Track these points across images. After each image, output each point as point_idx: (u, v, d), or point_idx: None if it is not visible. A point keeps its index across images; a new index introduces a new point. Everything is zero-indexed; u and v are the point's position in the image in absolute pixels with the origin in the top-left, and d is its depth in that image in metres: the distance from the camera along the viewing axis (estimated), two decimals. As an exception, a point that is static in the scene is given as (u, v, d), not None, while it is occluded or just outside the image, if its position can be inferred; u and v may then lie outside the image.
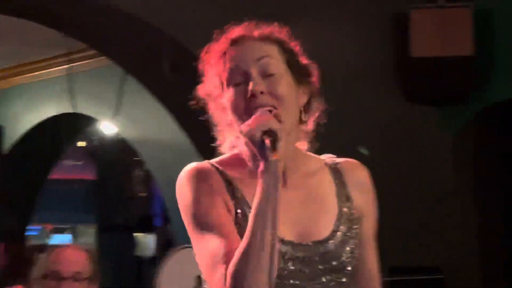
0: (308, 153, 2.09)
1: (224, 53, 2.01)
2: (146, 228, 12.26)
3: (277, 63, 2.00)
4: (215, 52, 2.04)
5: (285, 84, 1.99)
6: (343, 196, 2.04)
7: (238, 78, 1.98)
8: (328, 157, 2.11)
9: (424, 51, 5.74)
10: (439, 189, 5.96)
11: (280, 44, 2.03)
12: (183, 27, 5.65)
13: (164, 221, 11.53)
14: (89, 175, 12.65)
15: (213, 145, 2.11)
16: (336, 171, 2.07)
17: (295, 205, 1.99)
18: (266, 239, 1.78)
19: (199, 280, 4.74)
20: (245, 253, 1.79)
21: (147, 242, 12.39)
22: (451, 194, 6.05)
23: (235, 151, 2.06)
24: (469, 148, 5.99)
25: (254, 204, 1.82)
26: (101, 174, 12.11)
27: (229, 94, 2.00)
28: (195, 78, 2.07)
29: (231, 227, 1.92)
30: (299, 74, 2.03)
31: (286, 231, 1.94)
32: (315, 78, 2.07)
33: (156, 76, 5.89)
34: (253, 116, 1.90)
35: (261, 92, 1.95)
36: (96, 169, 12.32)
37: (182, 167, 1.99)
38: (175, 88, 5.45)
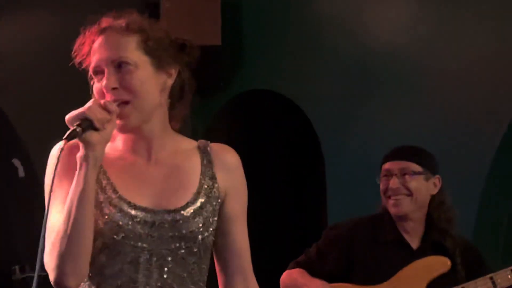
0: (181, 135, 2.22)
1: (93, 42, 2.11)
2: None
3: (132, 56, 2.08)
4: (87, 41, 2.12)
5: (140, 75, 2.08)
6: (208, 175, 2.16)
7: (98, 70, 2.09)
8: (202, 141, 2.23)
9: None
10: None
11: (142, 33, 2.11)
12: None
13: None
14: None
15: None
16: (205, 153, 2.19)
17: (156, 179, 2.13)
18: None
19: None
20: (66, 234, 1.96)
21: None
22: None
23: None
24: (221, 139, 6.01)
25: (75, 189, 1.98)
26: None
27: (94, 84, 2.12)
28: None
29: None
30: (163, 60, 2.13)
31: (142, 199, 2.09)
32: (188, 57, 2.19)
33: None
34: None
35: (114, 88, 2.05)
36: None
37: None
38: None
